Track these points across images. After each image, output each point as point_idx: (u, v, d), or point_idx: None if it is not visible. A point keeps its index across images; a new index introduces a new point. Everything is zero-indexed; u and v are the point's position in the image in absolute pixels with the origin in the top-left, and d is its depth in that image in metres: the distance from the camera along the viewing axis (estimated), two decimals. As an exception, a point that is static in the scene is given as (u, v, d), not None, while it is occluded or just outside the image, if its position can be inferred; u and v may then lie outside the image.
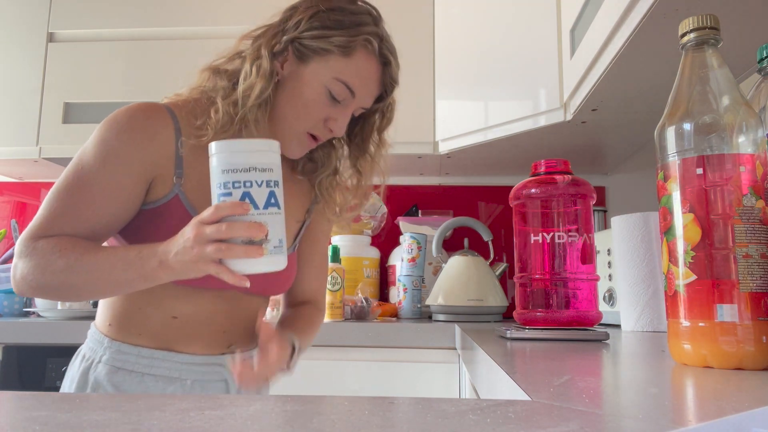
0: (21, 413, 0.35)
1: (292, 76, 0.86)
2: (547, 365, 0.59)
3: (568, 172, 0.95)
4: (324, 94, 0.85)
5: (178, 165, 0.82)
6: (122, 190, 0.79)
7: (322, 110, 0.86)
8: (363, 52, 0.86)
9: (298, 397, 0.40)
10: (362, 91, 0.87)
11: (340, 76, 0.84)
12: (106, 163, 0.78)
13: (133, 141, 0.79)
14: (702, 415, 0.35)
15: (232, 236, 0.65)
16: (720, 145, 0.55)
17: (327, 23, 0.85)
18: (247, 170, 0.66)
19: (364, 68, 0.86)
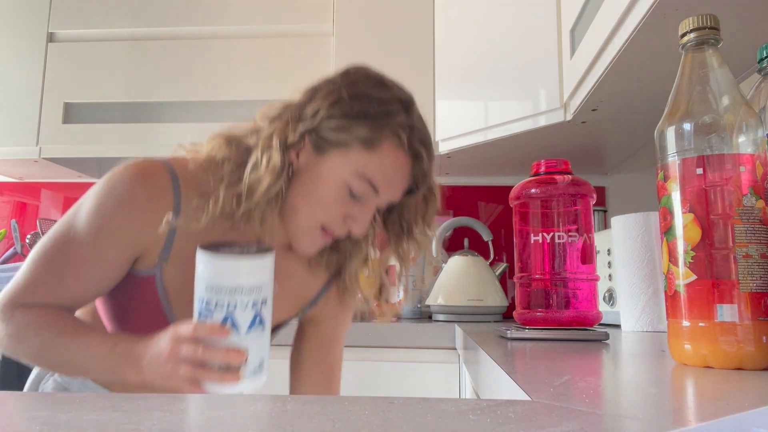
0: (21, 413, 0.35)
1: (308, 168, 0.77)
2: (547, 365, 0.59)
3: (568, 172, 0.95)
4: (343, 191, 0.76)
5: (166, 248, 0.76)
6: (110, 265, 0.74)
7: (340, 208, 0.77)
8: (389, 145, 0.76)
9: (298, 397, 0.39)
10: (387, 188, 0.77)
11: (361, 172, 0.75)
12: (98, 237, 0.73)
13: (129, 221, 0.73)
14: (702, 415, 0.35)
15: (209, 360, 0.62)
16: (720, 145, 0.55)
17: (349, 113, 0.75)
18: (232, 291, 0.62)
19: (390, 163, 0.76)
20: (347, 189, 0.76)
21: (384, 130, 0.75)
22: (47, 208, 2.31)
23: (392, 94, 0.79)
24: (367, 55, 1.89)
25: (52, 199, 2.32)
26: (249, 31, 1.97)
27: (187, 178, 0.77)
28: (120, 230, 0.73)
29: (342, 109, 0.75)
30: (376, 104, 0.77)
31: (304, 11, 1.96)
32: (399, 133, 0.76)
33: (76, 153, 1.97)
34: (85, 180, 2.30)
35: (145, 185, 0.74)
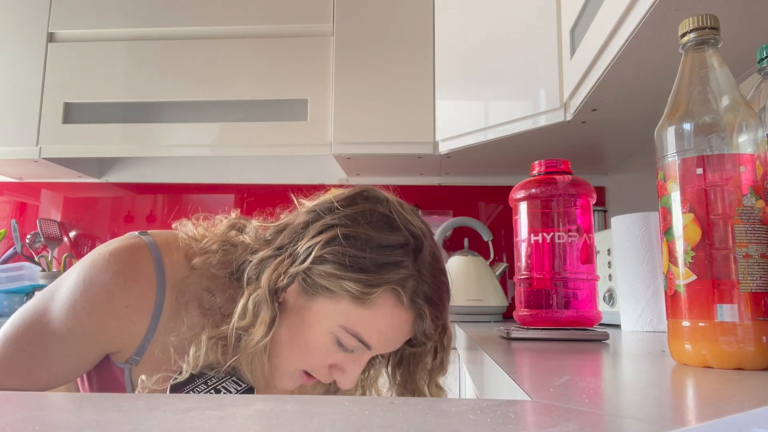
0: (21, 413, 0.35)
1: (294, 308, 0.68)
2: (547, 365, 0.59)
3: (568, 172, 0.95)
4: (329, 341, 0.67)
5: (138, 351, 0.71)
6: (81, 360, 0.70)
7: (325, 357, 0.69)
8: (385, 302, 0.66)
9: (298, 397, 0.39)
10: (380, 343, 0.68)
11: (349, 326, 0.66)
12: (71, 334, 0.68)
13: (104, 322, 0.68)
14: (702, 415, 0.35)
15: None
16: (720, 145, 0.55)
17: (341, 260, 0.65)
18: None
19: (385, 321, 0.67)
20: (335, 339, 0.67)
21: (379, 287, 0.65)
22: (47, 208, 2.31)
23: (398, 238, 0.68)
24: (367, 55, 1.89)
25: (52, 199, 2.32)
26: (249, 31, 1.97)
27: (174, 280, 0.71)
28: (93, 333, 0.68)
29: (335, 254, 0.65)
30: (375, 253, 0.66)
31: (304, 11, 1.96)
32: (397, 290, 0.66)
33: (76, 153, 1.97)
34: (85, 180, 2.30)
35: (125, 289, 0.68)
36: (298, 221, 0.71)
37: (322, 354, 0.68)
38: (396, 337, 0.69)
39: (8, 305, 1.78)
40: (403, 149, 1.85)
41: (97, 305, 0.67)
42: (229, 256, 0.72)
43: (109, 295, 0.68)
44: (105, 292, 0.67)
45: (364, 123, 1.85)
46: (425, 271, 0.68)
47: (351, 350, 0.68)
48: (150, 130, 1.95)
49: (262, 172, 2.27)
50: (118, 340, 0.70)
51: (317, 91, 1.91)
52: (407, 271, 0.67)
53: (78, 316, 0.67)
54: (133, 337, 0.70)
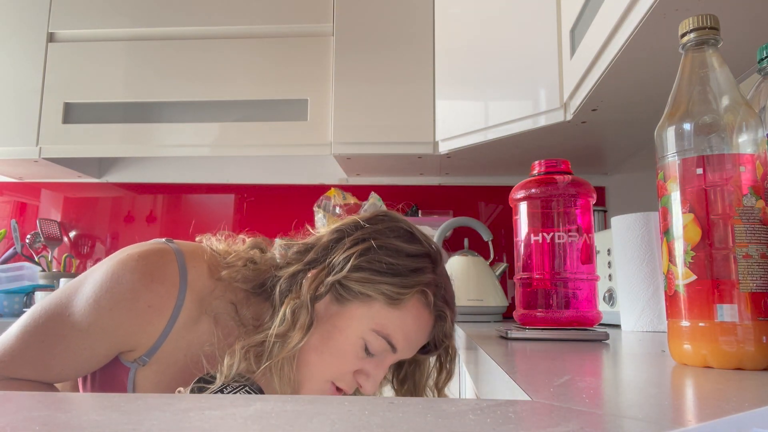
0: (21, 413, 0.35)
1: (326, 317, 0.73)
2: (547, 365, 0.59)
3: (568, 172, 0.95)
4: (359, 346, 0.72)
5: (149, 352, 0.73)
6: (96, 355, 0.72)
7: (353, 363, 0.73)
8: (414, 303, 0.73)
9: (298, 397, 0.40)
10: (405, 347, 0.74)
11: (380, 329, 0.72)
12: (91, 328, 0.71)
13: (125, 320, 0.71)
14: (702, 415, 0.35)
15: None
16: (720, 145, 0.55)
17: (376, 266, 0.72)
18: None
19: (412, 322, 0.73)
20: (363, 344, 0.72)
21: (411, 289, 0.72)
22: (47, 208, 2.31)
23: (422, 248, 0.76)
24: (367, 55, 1.89)
25: (52, 199, 2.32)
26: (249, 31, 1.97)
27: (196, 289, 0.74)
28: (113, 329, 0.71)
29: (370, 262, 0.72)
30: (406, 258, 0.73)
31: (304, 11, 1.96)
32: (426, 291, 0.73)
33: (76, 153, 1.97)
34: (85, 180, 2.30)
35: (150, 290, 0.71)
36: (327, 239, 0.76)
37: (350, 359, 0.72)
38: (418, 341, 0.75)
39: (8, 305, 1.78)
40: (403, 149, 1.85)
41: (121, 302, 0.70)
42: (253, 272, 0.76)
43: (134, 294, 0.70)
44: (131, 290, 0.70)
45: (364, 123, 1.85)
46: (443, 280, 0.77)
47: (376, 355, 0.72)
48: (150, 130, 1.95)
49: (262, 172, 2.27)
50: (134, 339, 0.72)
51: (317, 91, 1.91)
52: (432, 275, 0.75)
53: (101, 311, 0.70)
54: (149, 337, 0.72)
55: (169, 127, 1.94)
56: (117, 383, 0.75)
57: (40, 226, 2.16)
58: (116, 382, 0.75)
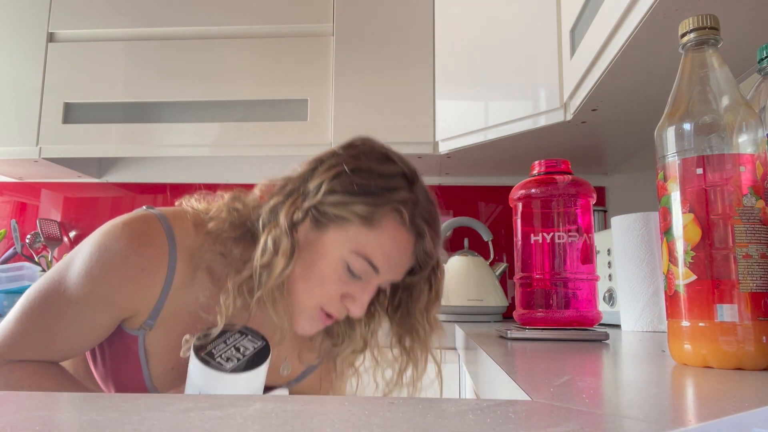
0: (21, 413, 0.35)
1: (306, 244, 0.74)
2: (547, 365, 0.59)
3: (568, 172, 0.95)
4: (341, 269, 0.73)
5: (153, 315, 0.74)
6: (97, 327, 0.73)
7: (338, 286, 0.74)
8: (390, 222, 0.73)
9: (298, 397, 0.40)
10: (387, 267, 0.74)
11: (359, 250, 0.72)
12: (87, 300, 0.71)
13: (120, 286, 0.72)
14: (702, 415, 0.35)
15: None
16: (720, 145, 0.55)
17: (349, 188, 0.73)
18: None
19: (390, 241, 0.73)
20: (345, 266, 0.73)
21: (384, 207, 0.72)
22: (47, 208, 2.31)
23: (396, 168, 0.76)
24: (367, 55, 1.89)
25: (52, 199, 2.32)
26: (249, 31, 1.97)
27: (185, 246, 0.75)
28: (110, 297, 0.72)
29: (343, 184, 0.73)
30: (378, 179, 0.74)
31: (304, 11, 1.96)
32: (400, 209, 0.73)
33: (76, 153, 1.97)
34: (85, 180, 2.30)
35: (140, 253, 0.72)
36: (303, 169, 0.78)
37: (335, 283, 0.74)
38: (399, 261, 0.75)
39: (8, 305, 1.78)
40: (403, 149, 1.84)
41: (112, 269, 0.71)
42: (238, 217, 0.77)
43: (124, 259, 0.71)
44: (120, 256, 0.71)
45: (364, 123, 1.85)
46: (421, 198, 0.76)
47: (360, 276, 0.73)
48: (150, 130, 1.95)
49: (262, 172, 2.26)
50: (133, 303, 0.73)
51: (317, 91, 1.91)
52: (407, 194, 0.74)
53: (94, 281, 0.71)
54: (148, 300, 0.73)
55: (169, 127, 1.94)
56: (129, 354, 0.75)
57: (40, 226, 2.16)
58: (128, 353, 0.75)
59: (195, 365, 0.64)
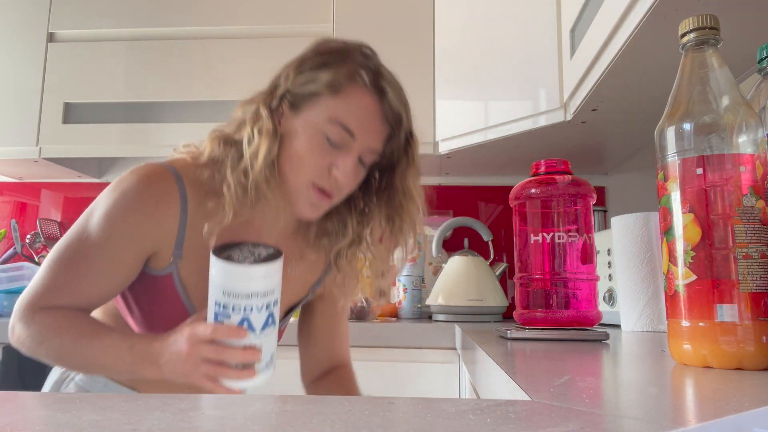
0: (21, 413, 0.35)
1: (288, 130, 0.81)
2: (547, 365, 0.59)
3: (568, 172, 0.95)
4: (321, 140, 0.79)
5: (178, 245, 0.80)
6: (123, 266, 0.78)
7: (321, 157, 0.80)
8: (353, 86, 0.80)
9: (298, 397, 0.40)
10: (361, 130, 0.80)
11: (332, 116, 0.79)
12: (111, 240, 0.77)
13: (139, 221, 0.77)
14: (702, 415, 0.35)
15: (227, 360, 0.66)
16: (720, 145, 0.55)
17: (314, 66, 0.81)
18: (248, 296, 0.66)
19: (357, 103, 0.80)
20: (324, 137, 0.79)
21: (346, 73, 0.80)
22: (47, 208, 2.31)
23: (354, 45, 0.84)
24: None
25: (52, 199, 2.32)
26: (249, 31, 1.97)
27: (190, 178, 0.81)
28: (131, 233, 0.77)
29: (308, 65, 0.81)
30: (338, 53, 0.82)
31: (304, 11, 1.96)
32: (360, 72, 0.80)
33: (76, 153, 1.97)
34: (85, 180, 2.30)
35: (152, 189, 0.78)
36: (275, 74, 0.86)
37: (318, 155, 0.79)
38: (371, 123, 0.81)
39: (8, 305, 1.78)
40: (403, 149, 1.85)
41: (129, 207, 0.77)
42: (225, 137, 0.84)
43: (139, 196, 0.77)
44: (135, 194, 0.77)
45: (364, 123, 1.85)
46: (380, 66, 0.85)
47: (339, 144, 0.79)
48: (150, 130, 1.94)
49: (262, 172, 2.27)
50: (155, 237, 0.78)
51: (317, 91, 1.91)
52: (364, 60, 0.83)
53: (114, 221, 0.77)
54: (168, 231, 0.79)
55: (169, 127, 1.94)
56: (167, 295, 0.79)
57: (40, 226, 2.16)
58: (165, 294, 0.80)
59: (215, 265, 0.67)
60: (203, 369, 0.67)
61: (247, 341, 0.66)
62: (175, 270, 0.80)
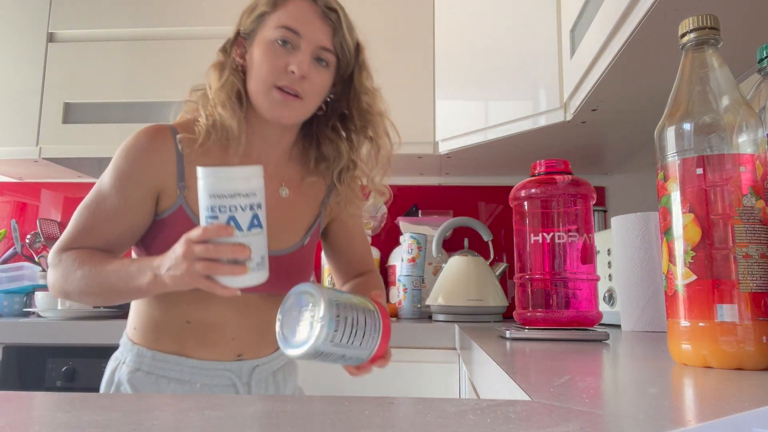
0: (21, 413, 0.35)
1: (249, 60, 0.92)
2: (547, 365, 0.59)
3: (568, 172, 0.95)
4: (273, 46, 0.89)
5: (180, 178, 0.89)
6: (132, 207, 0.88)
7: (276, 59, 0.89)
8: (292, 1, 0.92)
9: (298, 398, 0.40)
10: (305, 28, 0.90)
11: (278, 24, 0.90)
12: (117, 184, 0.88)
13: (137, 162, 0.88)
14: (702, 415, 0.35)
15: (218, 256, 0.72)
16: (720, 145, 0.55)
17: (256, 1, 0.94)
18: (231, 196, 0.72)
19: (295, 7, 0.90)
20: (274, 43, 0.89)
21: None
22: (47, 208, 2.31)
23: None
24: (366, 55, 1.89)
25: (52, 199, 2.32)
26: (249, 31, 1.97)
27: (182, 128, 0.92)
28: (136, 175, 0.87)
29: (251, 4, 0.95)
30: None
31: (304, 11, 1.96)
32: None
33: (76, 153, 1.97)
34: (85, 180, 2.30)
35: (148, 136, 0.90)
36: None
37: (273, 58, 0.89)
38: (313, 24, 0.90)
39: (8, 305, 1.78)
40: (403, 149, 1.83)
41: (131, 153, 0.88)
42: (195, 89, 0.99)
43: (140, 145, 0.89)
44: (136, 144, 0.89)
45: (364, 123, 1.85)
46: None
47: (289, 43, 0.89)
48: (150, 130, 1.94)
49: (262, 172, 2.26)
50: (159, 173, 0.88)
51: (317, 91, 1.91)
52: None
53: (120, 169, 0.88)
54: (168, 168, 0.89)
55: (169, 127, 1.94)
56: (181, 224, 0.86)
57: (40, 226, 2.16)
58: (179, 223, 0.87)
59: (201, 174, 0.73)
60: (198, 267, 0.72)
61: (235, 239, 0.72)
62: (183, 201, 0.89)
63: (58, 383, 1.45)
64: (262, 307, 0.94)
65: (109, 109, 1.96)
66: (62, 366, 1.46)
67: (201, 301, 0.89)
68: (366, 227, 1.98)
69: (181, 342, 0.90)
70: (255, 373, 0.94)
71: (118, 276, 0.81)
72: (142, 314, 0.93)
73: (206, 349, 0.90)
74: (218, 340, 0.91)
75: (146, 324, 0.92)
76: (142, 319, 0.93)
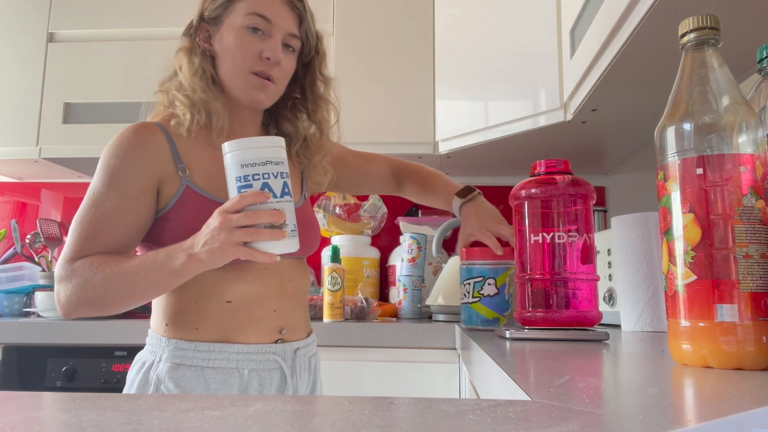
0: (21, 413, 0.35)
1: (219, 45, 0.94)
2: (547, 365, 0.59)
3: (568, 172, 0.95)
4: (245, 33, 0.92)
5: (178, 161, 0.89)
6: (132, 202, 0.86)
7: (250, 46, 0.92)
8: None
9: (298, 397, 0.40)
10: (275, 14, 0.93)
11: (248, 11, 0.92)
12: (111, 182, 0.86)
13: (129, 156, 0.87)
14: (702, 415, 0.35)
15: (257, 222, 0.73)
16: (720, 145, 0.55)
17: None
18: (264, 164, 0.74)
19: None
20: (247, 30, 0.92)
21: None
22: (47, 208, 2.31)
23: None
24: (367, 55, 1.89)
25: (52, 199, 2.32)
26: (249, 31, 1.97)
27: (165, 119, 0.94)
28: (128, 168, 0.86)
29: None
30: None
31: (304, 11, 1.96)
32: None
33: (76, 153, 1.97)
34: (85, 180, 2.30)
35: (133, 131, 0.89)
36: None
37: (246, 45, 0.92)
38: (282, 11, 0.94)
39: (8, 305, 1.78)
40: (403, 149, 1.85)
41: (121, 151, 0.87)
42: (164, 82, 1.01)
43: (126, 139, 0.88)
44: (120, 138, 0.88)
45: (364, 123, 1.85)
46: None
47: (260, 30, 0.92)
48: (150, 130, 1.94)
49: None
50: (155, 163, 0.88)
51: (317, 91, 1.91)
52: None
53: (111, 167, 0.86)
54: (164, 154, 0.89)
55: (169, 127, 1.94)
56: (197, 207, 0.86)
57: (40, 226, 2.16)
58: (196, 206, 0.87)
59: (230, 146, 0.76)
60: (237, 235, 0.72)
61: (271, 204, 0.74)
62: (189, 181, 0.89)
63: (58, 383, 1.45)
64: (295, 273, 0.97)
65: (109, 109, 1.96)
66: (62, 366, 1.46)
67: (240, 276, 0.89)
68: (366, 227, 1.98)
69: (224, 327, 0.88)
70: (297, 357, 0.94)
71: (146, 269, 0.79)
72: (175, 307, 0.90)
73: (250, 330, 0.89)
74: (261, 315, 0.90)
75: (181, 315, 0.89)
76: (174, 312, 0.89)
